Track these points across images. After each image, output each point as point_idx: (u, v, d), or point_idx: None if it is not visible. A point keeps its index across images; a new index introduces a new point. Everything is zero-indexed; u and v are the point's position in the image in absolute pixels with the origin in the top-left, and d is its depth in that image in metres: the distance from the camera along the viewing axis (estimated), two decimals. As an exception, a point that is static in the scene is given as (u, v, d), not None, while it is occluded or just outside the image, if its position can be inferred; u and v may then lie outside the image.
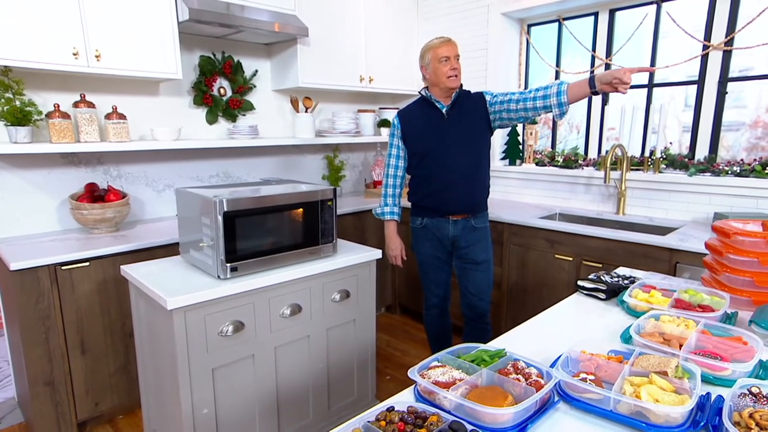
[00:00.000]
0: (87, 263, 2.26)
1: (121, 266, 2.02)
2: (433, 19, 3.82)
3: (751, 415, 0.84)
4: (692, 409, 0.90)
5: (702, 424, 0.89)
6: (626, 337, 1.24)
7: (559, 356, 1.10)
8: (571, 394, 1.00)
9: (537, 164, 3.49)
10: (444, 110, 2.29)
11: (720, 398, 0.96)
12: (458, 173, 2.29)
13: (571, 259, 2.66)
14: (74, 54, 2.30)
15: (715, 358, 1.08)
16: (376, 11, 3.62)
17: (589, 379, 1.00)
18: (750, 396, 0.92)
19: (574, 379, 0.98)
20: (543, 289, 2.81)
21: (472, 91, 2.38)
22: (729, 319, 1.35)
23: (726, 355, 1.10)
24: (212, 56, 3.12)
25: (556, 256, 2.71)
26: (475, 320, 2.49)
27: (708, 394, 0.98)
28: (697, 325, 1.22)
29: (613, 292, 1.57)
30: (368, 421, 0.85)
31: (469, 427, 0.84)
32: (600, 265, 2.53)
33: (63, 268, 2.19)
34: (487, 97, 2.29)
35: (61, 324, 2.22)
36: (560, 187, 3.30)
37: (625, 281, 1.64)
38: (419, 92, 2.38)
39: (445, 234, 2.38)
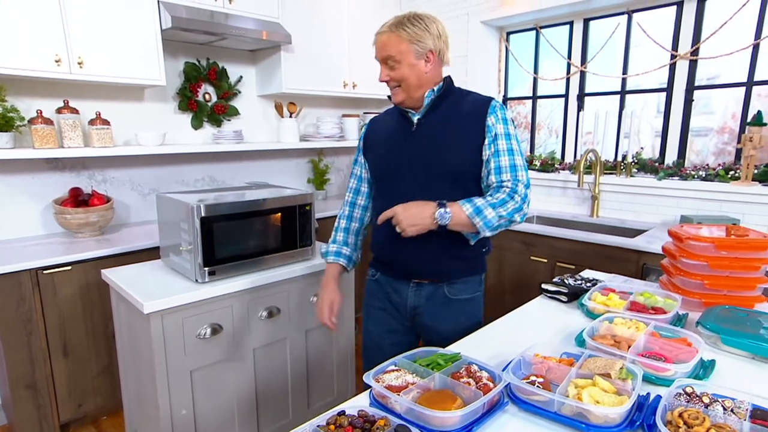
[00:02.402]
0: (69, 267, 2.29)
1: (102, 270, 2.06)
2: (415, 25, 3.87)
3: (680, 415, 0.90)
4: (631, 409, 0.97)
5: (638, 423, 0.95)
6: (580, 340, 1.31)
7: (512, 360, 1.16)
8: (520, 397, 1.06)
9: (517, 168, 3.56)
10: (415, 119, 1.57)
11: (658, 398, 1.02)
12: None
13: (546, 260, 2.73)
14: (56, 61, 2.33)
15: (659, 359, 1.14)
16: (359, 18, 3.67)
17: (538, 382, 1.06)
18: (684, 396, 0.98)
19: (522, 383, 1.04)
20: (519, 289, 2.88)
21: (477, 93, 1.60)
22: (680, 320, 1.42)
23: (670, 356, 1.17)
24: (197, 62, 3.16)
25: (532, 257, 2.78)
26: None
27: (648, 394, 1.04)
28: (647, 327, 1.29)
29: (575, 295, 1.64)
30: (318, 426, 0.90)
31: (415, 430, 0.89)
32: (573, 267, 2.61)
33: (45, 272, 2.22)
34: (490, 119, 1.49)
35: (42, 327, 2.25)
36: (538, 190, 3.37)
37: (588, 284, 1.71)
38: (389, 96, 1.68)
39: (403, 301, 1.65)
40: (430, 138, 1.53)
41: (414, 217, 1.41)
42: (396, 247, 1.56)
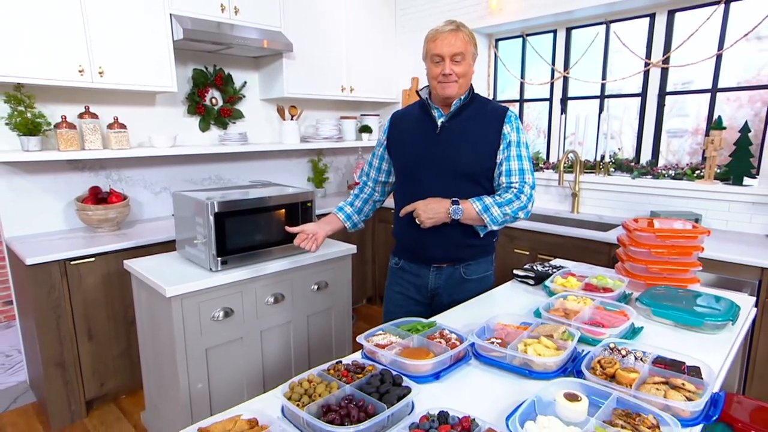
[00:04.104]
0: (93, 259, 2.54)
1: (125, 261, 2.29)
2: (410, 33, 4.11)
3: (599, 361, 1.14)
4: (566, 360, 1.21)
5: (569, 370, 1.19)
6: (537, 313, 1.55)
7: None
8: (482, 353, 1.30)
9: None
10: (440, 120, 1.76)
11: (589, 353, 1.26)
12: None
13: (527, 252, 2.97)
14: (80, 71, 2.58)
15: (597, 326, 1.39)
16: (357, 26, 3.91)
17: (496, 342, 1.30)
18: (608, 350, 1.22)
19: (483, 341, 1.29)
20: (503, 279, 3.10)
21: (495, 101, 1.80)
22: (625, 298, 1.66)
23: (608, 323, 1.41)
24: (204, 69, 3.40)
25: (515, 250, 3.02)
26: None
27: (583, 350, 1.29)
28: (593, 302, 1.53)
29: (541, 279, 1.88)
30: (322, 370, 1.15)
31: (395, 373, 1.13)
32: (552, 258, 2.84)
33: (72, 263, 2.47)
34: (506, 127, 1.73)
35: (70, 312, 2.49)
36: (524, 188, 3.60)
37: (554, 270, 1.94)
38: (417, 91, 1.85)
39: (424, 283, 1.89)
40: (453, 141, 1.74)
41: (432, 211, 1.67)
42: (418, 237, 1.78)
